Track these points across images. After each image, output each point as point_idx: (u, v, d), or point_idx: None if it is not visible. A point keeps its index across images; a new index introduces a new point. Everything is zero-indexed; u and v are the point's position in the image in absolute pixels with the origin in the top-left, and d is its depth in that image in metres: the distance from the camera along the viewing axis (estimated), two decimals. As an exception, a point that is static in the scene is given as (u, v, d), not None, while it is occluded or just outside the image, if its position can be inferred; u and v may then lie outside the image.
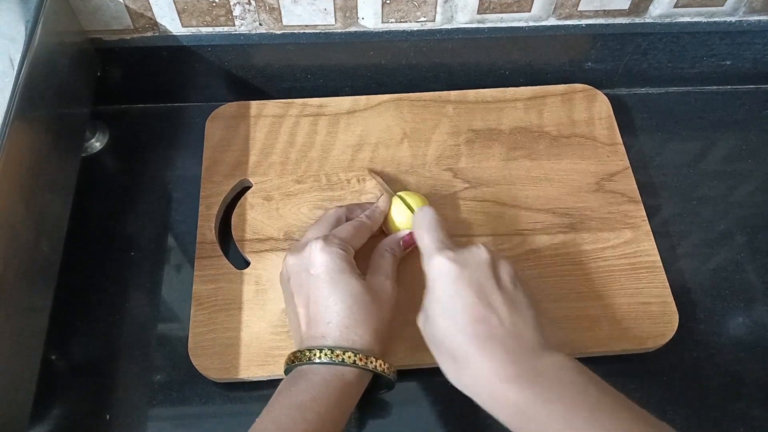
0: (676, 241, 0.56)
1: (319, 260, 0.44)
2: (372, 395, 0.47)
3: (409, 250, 0.51)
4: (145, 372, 0.49)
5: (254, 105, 0.61)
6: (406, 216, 0.51)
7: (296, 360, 0.43)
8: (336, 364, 0.41)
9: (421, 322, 0.43)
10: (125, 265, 0.54)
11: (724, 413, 0.48)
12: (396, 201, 0.52)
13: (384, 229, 0.53)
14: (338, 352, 0.41)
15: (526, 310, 0.41)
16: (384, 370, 0.43)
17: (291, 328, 0.47)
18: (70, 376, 0.49)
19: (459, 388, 0.40)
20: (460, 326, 0.40)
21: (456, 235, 0.53)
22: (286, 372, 0.44)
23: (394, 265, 0.48)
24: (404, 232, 0.51)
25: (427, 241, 0.44)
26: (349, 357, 0.41)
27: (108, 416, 0.48)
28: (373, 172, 0.56)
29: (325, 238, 0.46)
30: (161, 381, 0.49)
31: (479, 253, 0.43)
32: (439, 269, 0.42)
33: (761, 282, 0.55)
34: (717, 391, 0.49)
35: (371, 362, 0.42)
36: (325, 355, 0.41)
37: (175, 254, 0.55)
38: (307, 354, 0.42)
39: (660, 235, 0.55)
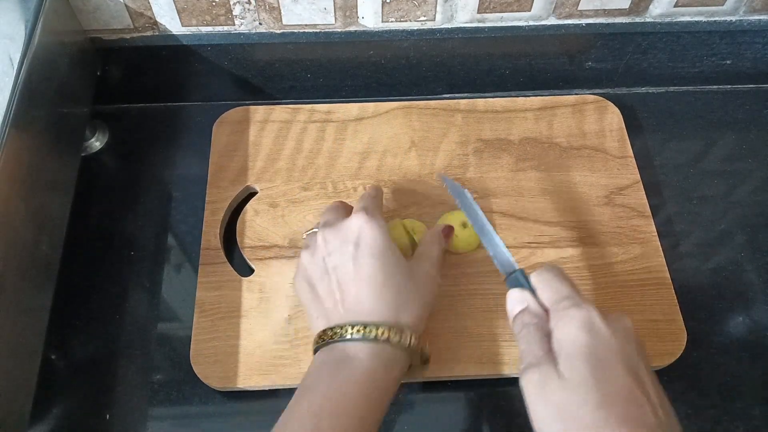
0: (677, 241, 0.56)
1: (368, 234, 0.41)
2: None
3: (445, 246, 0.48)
4: (145, 372, 0.49)
5: (261, 110, 0.60)
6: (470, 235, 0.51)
7: (334, 336, 0.39)
8: (379, 341, 0.38)
9: (540, 378, 0.36)
10: (125, 265, 0.54)
11: (724, 413, 0.48)
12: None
13: None
14: (383, 329, 0.38)
15: (668, 402, 0.36)
16: (424, 349, 0.41)
17: (314, 310, 0.43)
18: (70, 376, 0.49)
19: None
20: (609, 403, 0.34)
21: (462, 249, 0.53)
22: (316, 351, 0.41)
23: (441, 256, 0.46)
24: (442, 225, 0.49)
25: (566, 291, 0.39)
26: (396, 336, 0.38)
27: (108, 416, 0.48)
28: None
29: (368, 212, 0.42)
30: (161, 381, 0.49)
31: (626, 322, 0.38)
32: (590, 328, 0.36)
33: (761, 281, 0.55)
34: (717, 390, 0.49)
35: (414, 341, 0.39)
36: (370, 331, 0.38)
37: (175, 254, 0.55)
38: (349, 330, 0.39)
39: (660, 234, 0.54)
